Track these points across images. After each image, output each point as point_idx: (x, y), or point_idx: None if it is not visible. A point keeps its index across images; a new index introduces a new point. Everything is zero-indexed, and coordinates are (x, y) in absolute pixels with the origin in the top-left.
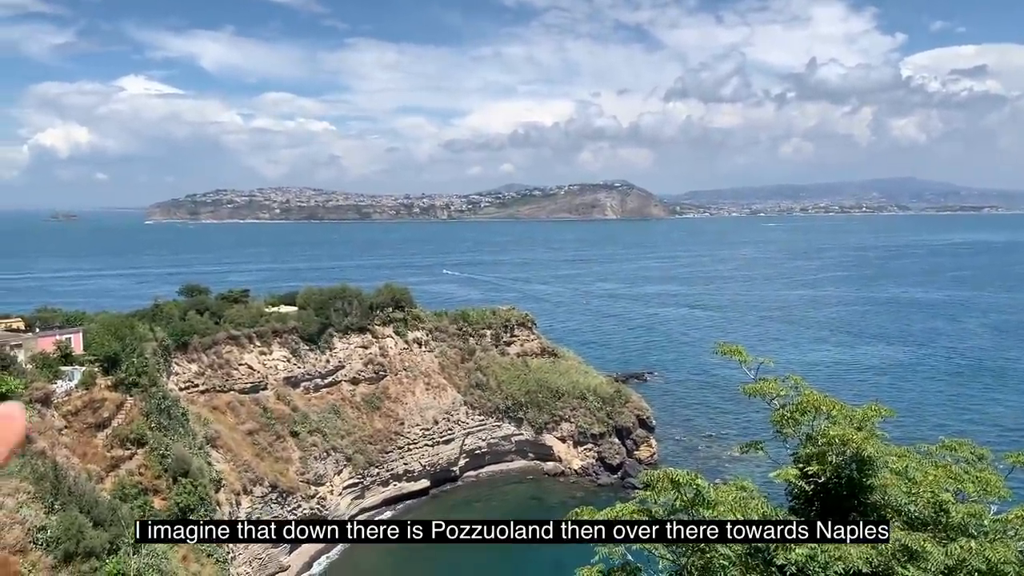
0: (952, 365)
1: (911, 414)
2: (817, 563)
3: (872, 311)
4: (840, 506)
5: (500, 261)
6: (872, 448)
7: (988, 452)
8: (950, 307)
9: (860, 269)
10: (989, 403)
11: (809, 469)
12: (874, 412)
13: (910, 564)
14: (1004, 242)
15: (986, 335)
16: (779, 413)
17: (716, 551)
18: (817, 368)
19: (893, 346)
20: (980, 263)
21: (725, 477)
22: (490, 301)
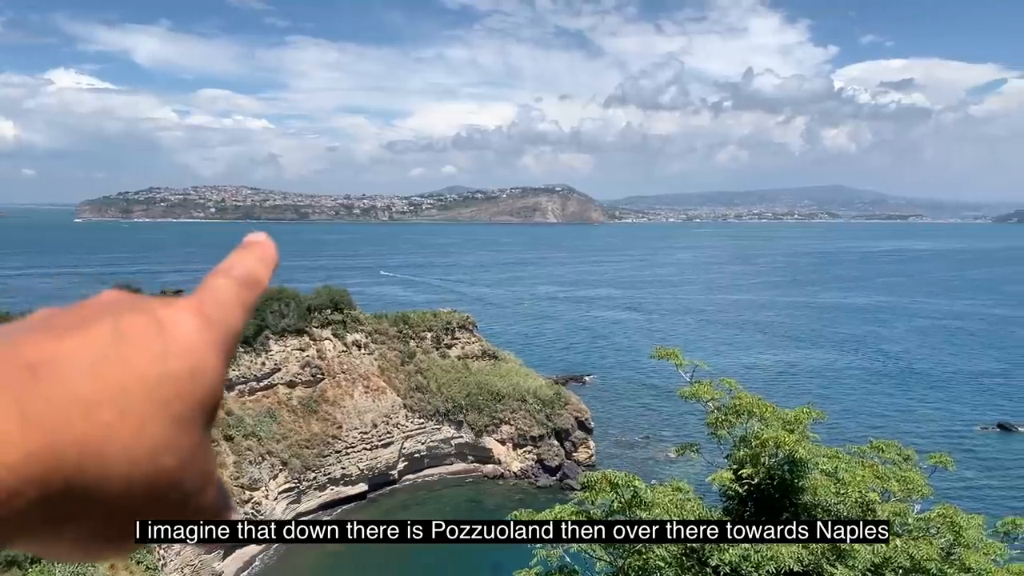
0: (880, 368)
1: (841, 416)
2: (750, 563)
3: (804, 315)
4: (773, 507)
5: (442, 263)
6: (803, 450)
7: (913, 453)
8: (878, 312)
9: (793, 275)
10: (915, 405)
11: (743, 472)
12: (805, 414)
13: (839, 562)
14: (929, 250)
15: (912, 339)
16: (714, 415)
17: (653, 552)
18: (751, 371)
19: (824, 349)
20: (906, 270)
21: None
22: (431, 303)
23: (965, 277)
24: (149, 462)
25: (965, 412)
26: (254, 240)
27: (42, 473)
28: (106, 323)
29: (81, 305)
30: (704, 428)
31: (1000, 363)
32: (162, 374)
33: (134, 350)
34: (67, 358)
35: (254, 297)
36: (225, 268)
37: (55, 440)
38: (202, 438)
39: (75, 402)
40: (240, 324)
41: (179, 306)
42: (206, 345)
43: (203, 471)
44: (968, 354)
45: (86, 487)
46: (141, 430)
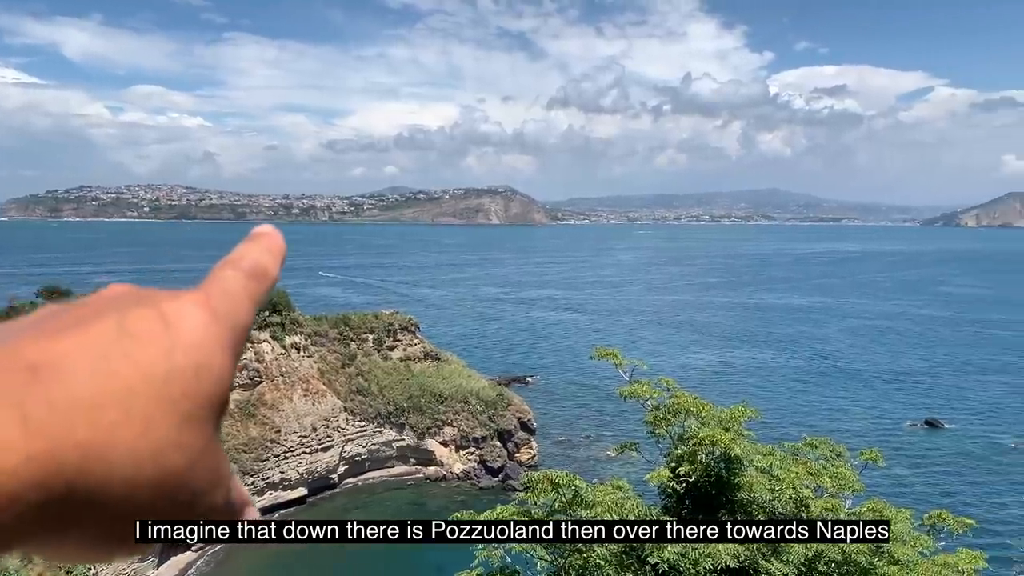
0: (813, 367)
1: (776, 414)
2: (688, 560)
3: (740, 316)
4: (710, 504)
5: (383, 264)
6: (739, 448)
7: (845, 449)
8: (811, 312)
9: (729, 276)
10: (846, 402)
11: (681, 469)
12: (740, 412)
13: (774, 558)
14: (860, 252)
15: (844, 339)
16: (652, 414)
17: (593, 551)
18: (688, 370)
19: (759, 349)
20: (838, 271)
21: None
22: (372, 305)
23: (894, 278)
24: (155, 463)
25: (894, 409)
26: (262, 231)
27: (44, 478)
28: (110, 319)
29: (87, 300)
30: (643, 427)
31: (927, 362)
32: (168, 371)
33: (139, 347)
34: (69, 358)
35: (263, 289)
36: (233, 260)
37: (57, 444)
38: (211, 437)
39: (78, 404)
40: (249, 317)
41: (185, 300)
42: (213, 340)
43: (213, 470)
44: (897, 353)
45: (90, 490)
46: (147, 430)
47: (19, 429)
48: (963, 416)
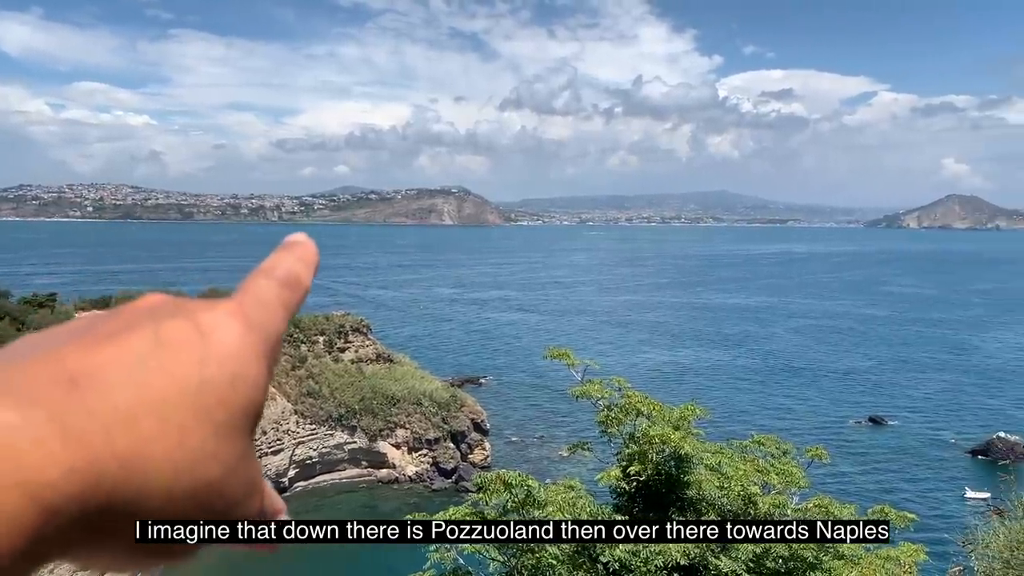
0: (761, 365)
1: (725, 412)
2: (639, 559)
3: (690, 316)
4: (661, 502)
5: (335, 265)
6: (689, 446)
7: (791, 446)
8: (759, 312)
9: (680, 276)
10: (793, 400)
11: (631, 468)
12: (690, 411)
13: (723, 555)
14: (806, 252)
15: (791, 338)
16: (604, 414)
17: (545, 551)
18: (640, 370)
19: (709, 348)
20: (786, 272)
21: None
22: (323, 306)
23: (839, 279)
24: (191, 473)
25: (839, 407)
26: (295, 240)
27: (84, 489)
28: (146, 329)
29: (123, 310)
30: (595, 426)
31: (871, 360)
32: (203, 381)
33: (174, 357)
34: (107, 368)
35: (297, 299)
36: (266, 269)
37: (97, 455)
38: (246, 446)
39: (116, 414)
40: (283, 327)
41: (220, 310)
42: (248, 350)
43: (248, 480)
44: (842, 352)
45: (128, 501)
46: (183, 440)
47: (60, 441)
48: (905, 413)
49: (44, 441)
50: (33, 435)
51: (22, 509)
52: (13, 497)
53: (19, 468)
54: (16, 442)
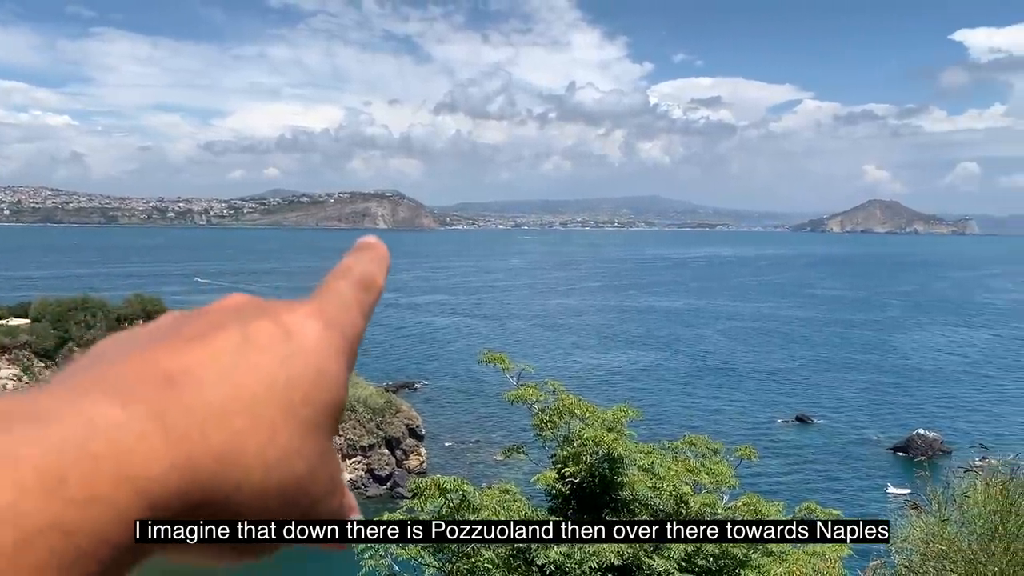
0: (692, 367)
1: (657, 413)
2: (574, 560)
3: (623, 319)
4: (595, 503)
5: (265, 270)
6: (621, 447)
7: (721, 446)
8: (689, 315)
9: (613, 280)
10: (722, 401)
11: (566, 470)
12: (623, 413)
13: (656, 555)
14: (734, 256)
15: (720, 340)
16: (539, 417)
17: (481, 555)
18: (575, 373)
19: (642, 351)
20: (715, 275)
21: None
22: None
23: (766, 282)
24: (281, 469)
25: (767, 407)
26: (367, 242)
27: (184, 485)
28: (233, 329)
29: (207, 310)
30: (530, 430)
31: (797, 360)
32: (289, 379)
33: (262, 356)
34: (200, 366)
35: (372, 300)
36: (343, 271)
37: (195, 451)
38: (328, 443)
39: (211, 411)
40: (361, 327)
41: (303, 311)
42: (329, 349)
43: (331, 476)
44: (769, 353)
45: (222, 496)
46: (272, 437)
47: (162, 437)
48: (830, 412)
49: (147, 437)
50: (137, 431)
51: (130, 503)
52: (122, 491)
53: (126, 463)
54: (123, 438)
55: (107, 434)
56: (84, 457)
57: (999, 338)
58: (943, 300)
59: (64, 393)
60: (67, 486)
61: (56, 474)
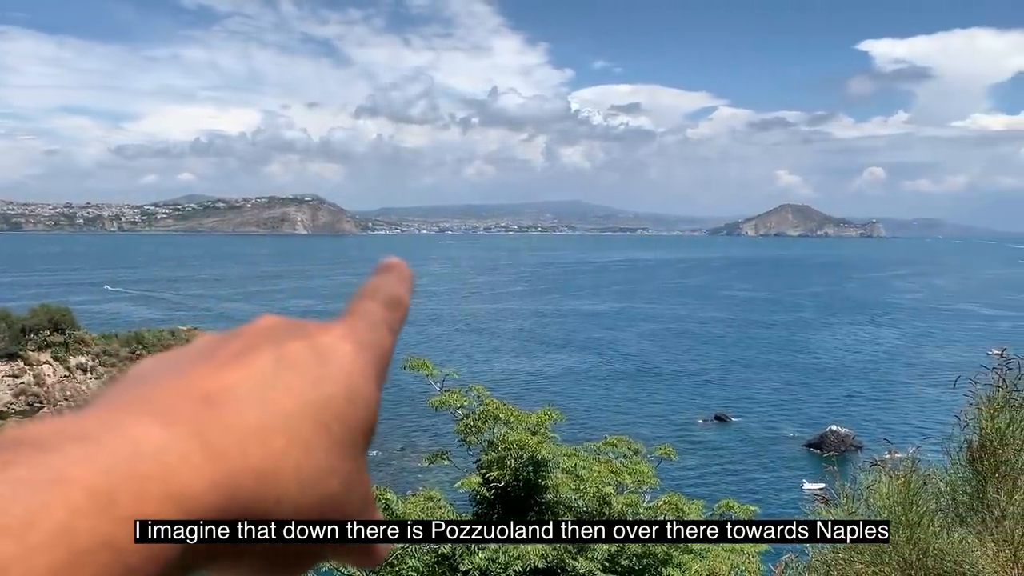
0: (614, 369)
1: (581, 415)
2: (499, 564)
3: (547, 322)
4: (520, 507)
5: (180, 277)
6: (545, 450)
7: (642, 446)
8: (611, 318)
9: (537, 284)
10: (644, 402)
11: (490, 475)
12: (547, 416)
13: (580, 556)
14: (654, 260)
15: (642, 341)
16: (463, 423)
17: (404, 563)
18: (499, 377)
19: (565, 353)
20: (636, 278)
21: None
22: (169, 321)
23: (685, 284)
24: (316, 488)
25: (688, 406)
26: (392, 262)
27: (224, 502)
28: (268, 351)
29: (241, 332)
30: (455, 435)
31: (715, 360)
32: (323, 399)
33: (297, 377)
34: (238, 387)
35: (399, 318)
36: (370, 291)
37: (234, 469)
38: (361, 462)
39: (250, 430)
40: (390, 346)
41: (335, 332)
42: (361, 369)
43: (363, 495)
44: (689, 353)
45: (261, 514)
46: (308, 455)
47: (203, 456)
48: (747, 410)
49: (189, 456)
50: (180, 451)
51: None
52: (166, 509)
53: (171, 482)
54: (167, 458)
55: (152, 454)
56: (132, 477)
57: (904, 336)
58: (852, 300)
59: (109, 415)
60: (116, 505)
61: (106, 494)
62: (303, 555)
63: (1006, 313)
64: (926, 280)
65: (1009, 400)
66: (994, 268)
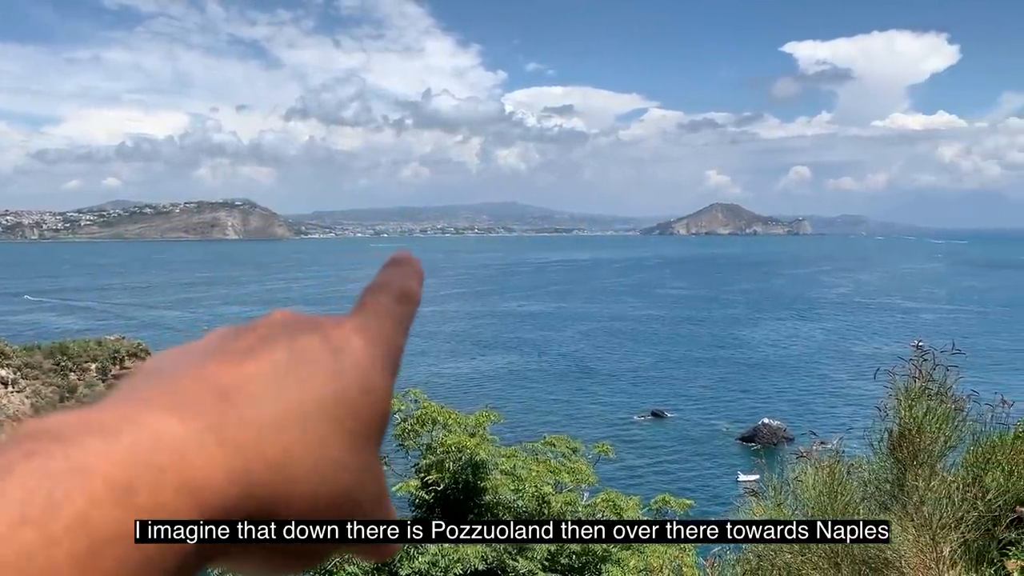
0: (553, 368)
1: (519, 416)
2: (439, 568)
3: (485, 324)
4: (459, 510)
5: (106, 285)
6: (484, 452)
7: (580, 444)
8: (549, 318)
9: (475, 285)
10: (582, 400)
11: (429, 478)
12: (485, 417)
13: (520, 556)
14: (590, 259)
15: (580, 341)
16: (401, 427)
17: (343, 570)
18: (438, 380)
19: (503, 355)
20: (573, 278)
21: None
22: (95, 330)
23: (621, 283)
24: (330, 481)
25: (625, 403)
26: (402, 256)
27: (240, 495)
28: (282, 344)
29: (254, 326)
30: (392, 440)
31: (651, 357)
32: (336, 393)
33: (310, 371)
34: (252, 381)
35: (411, 312)
36: (381, 285)
37: (250, 462)
38: (374, 456)
39: (264, 424)
40: (402, 340)
41: (348, 326)
42: (374, 363)
43: (377, 489)
44: (626, 351)
45: (276, 507)
46: (322, 449)
47: (219, 448)
48: (683, 405)
49: (206, 448)
50: (196, 443)
51: (191, 512)
52: (184, 501)
53: (188, 474)
54: (184, 450)
55: (170, 446)
56: (150, 468)
57: (831, 330)
58: (781, 296)
59: (127, 408)
60: (135, 496)
61: (125, 485)
62: (318, 547)
63: (926, 306)
64: (851, 275)
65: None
66: (914, 263)
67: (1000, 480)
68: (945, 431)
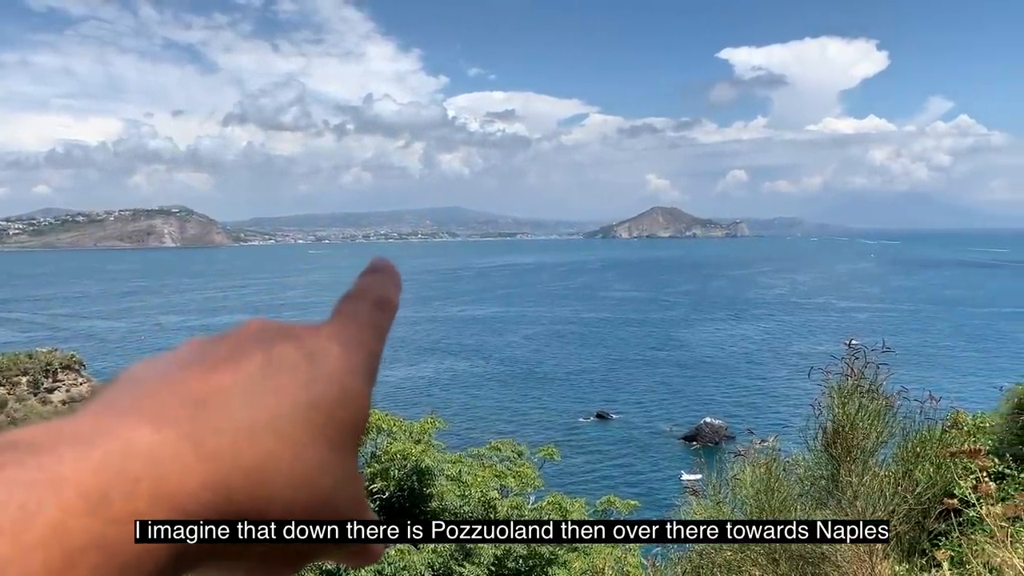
0: (498, 372)
1: (465, 421)
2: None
3: (430, 329)
4: (405, 518)
5: (37, 296)
6: (429, 459)
7: (525, 448)
8: (495, 322)
9: (419, 291)
10: (527, 404)
11: (374, 487)
12: (430, 424)
13: (466, 561)
14: (534, 263)
15: (524, 345)
16: None
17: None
18: (382, 387)
19: (449, 360)
20: (517, 282)
21: None
22: (25, 343)
23: (565, 286)
24: (307, 488)
25: (570, 406)
26: (381, 264)
27: (217, 503)
28: (258, 353)
29: (230, 335)
30: None
31: (596, 360)
32: (312, 400)
33: (286, 378)
34: (228, 389)
35: (389, 319)
36: (359, 292)
37: (226, 470)
38: (352, 462)
39: (241, 432)
40: (380, 347)
41: (324, 333)
42: (350, 369)
43: (355, 494)
44: (570, 354)
45: (254, 513)
46: (299, 455)
47: (195, 457)
48: (626, 406)
49: (181, 457)
50: (171, 452)
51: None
52: (158, 509)
53: (163, 483)
54: (159, 459)
55: (144, 455)
56: (124, 477)
57: (769, 330)
58: (721, 297)
59: (102, 417)
60: (109, 505)
61: (99, 494)
62: (298, 554)
63: (860, 304)
64: (787, 276)
65: (858, 387)
66: (848, 263)
67: (929, 473)
68: (877, 427)
